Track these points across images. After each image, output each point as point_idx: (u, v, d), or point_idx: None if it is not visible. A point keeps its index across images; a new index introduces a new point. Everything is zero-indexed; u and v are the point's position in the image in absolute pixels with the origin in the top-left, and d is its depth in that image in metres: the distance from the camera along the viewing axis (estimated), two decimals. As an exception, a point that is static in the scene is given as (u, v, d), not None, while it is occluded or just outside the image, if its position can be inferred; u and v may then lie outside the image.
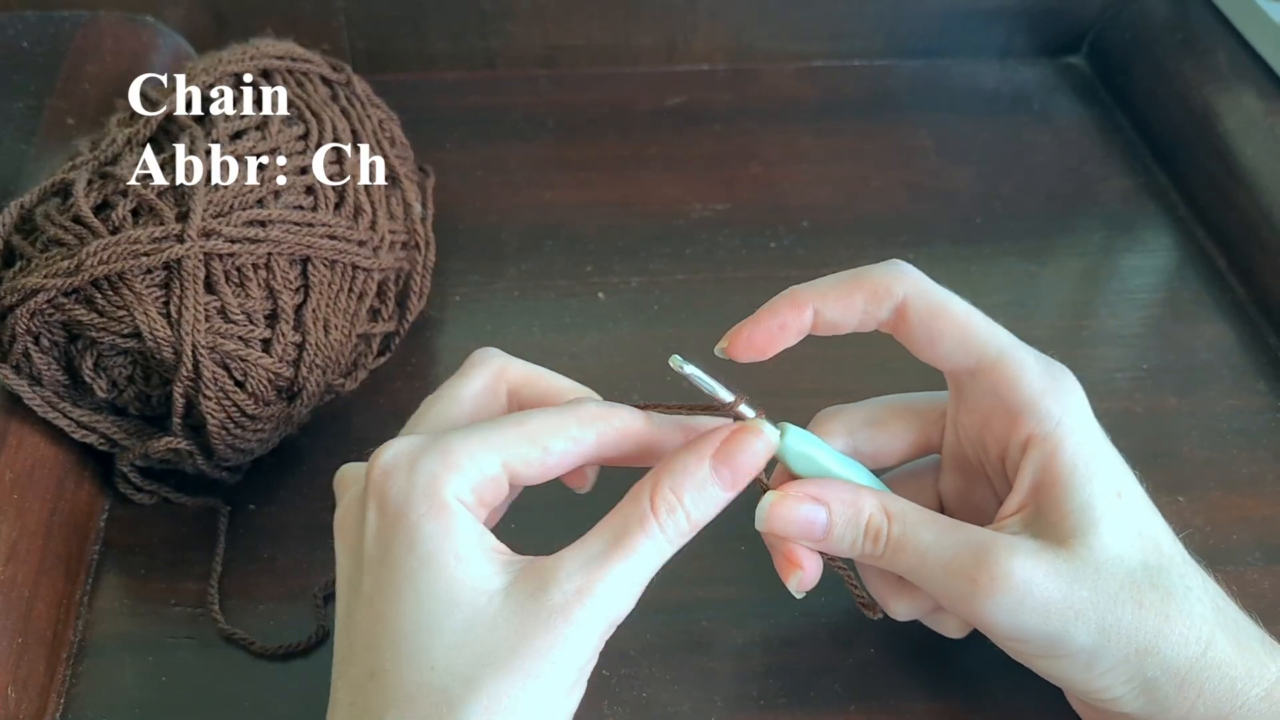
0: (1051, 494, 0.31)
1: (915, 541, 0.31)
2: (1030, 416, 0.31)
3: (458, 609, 0.27)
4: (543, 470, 0.30)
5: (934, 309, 0.31)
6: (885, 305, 0.31)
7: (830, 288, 0.32)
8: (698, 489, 0.29)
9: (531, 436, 0.29)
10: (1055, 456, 0.31)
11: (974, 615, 0.31)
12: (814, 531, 0.32)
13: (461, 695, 0.26)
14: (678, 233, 0.53)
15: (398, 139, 0.49)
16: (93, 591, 0.38)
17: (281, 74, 0.46)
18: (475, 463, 0.29)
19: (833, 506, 0.32)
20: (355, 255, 0.41)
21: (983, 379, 0.31)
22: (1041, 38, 0.65)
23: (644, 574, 0.29)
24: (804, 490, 0.32)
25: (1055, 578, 0.30)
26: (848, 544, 0.32)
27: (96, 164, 0.41)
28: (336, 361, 0.41)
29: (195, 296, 0.37)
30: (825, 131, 0.59)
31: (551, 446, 0.30)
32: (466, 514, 0.28)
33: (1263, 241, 0.51)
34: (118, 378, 0.38)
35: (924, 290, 0.31)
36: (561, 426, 0.30)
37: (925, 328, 0.31)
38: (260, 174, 0.40)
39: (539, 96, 0.61)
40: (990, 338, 0.31)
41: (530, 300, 0.49)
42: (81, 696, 0.36)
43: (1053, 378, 0.31)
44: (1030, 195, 0.56)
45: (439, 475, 0.28)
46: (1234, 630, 0.30)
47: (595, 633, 0.28)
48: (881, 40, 0.64)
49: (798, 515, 0.32)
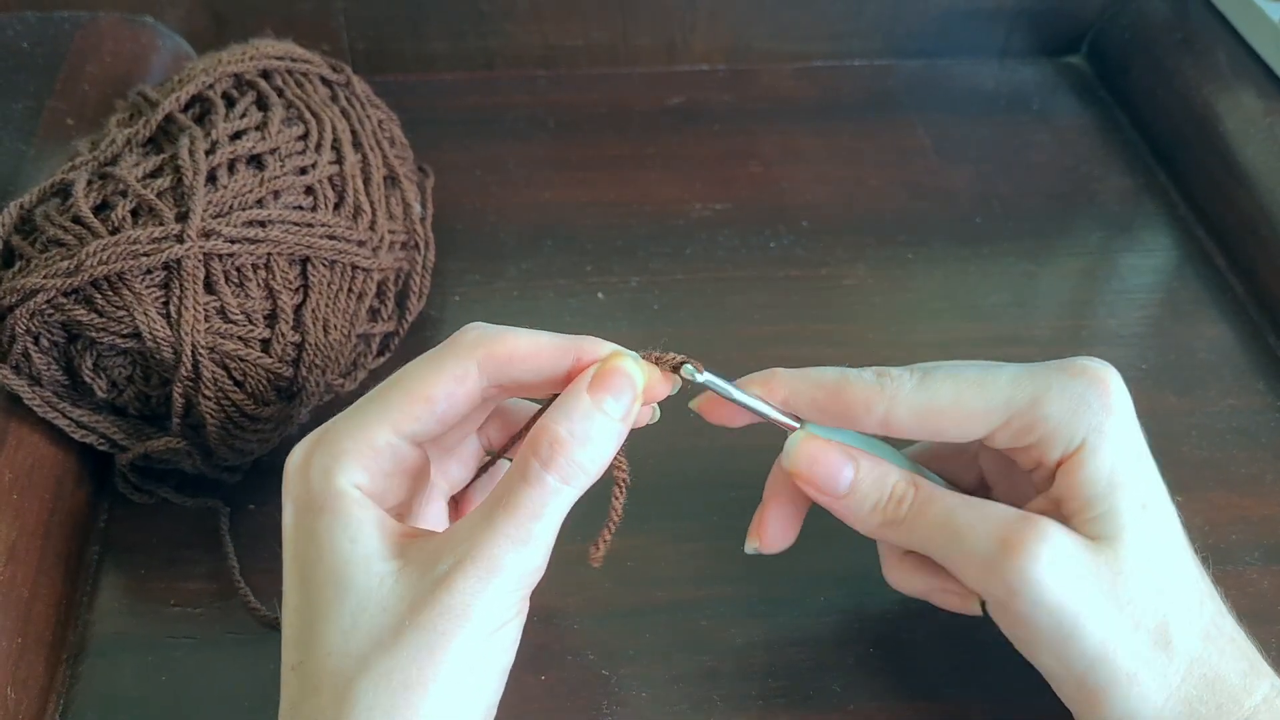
0: (1075, 503, 0.30)
1: (943, 502, 0.31)
2: (1057, 444, 0.30)
3: (350, 593, 0.27)
4: (437, 421, 0.29)
5: (919, 415, 0.30)
6: (866, 422, 0.31)
7: (808, 389, 0.31)
8: (583, 419, 0.28)
9: (411, 391, 0.29)
10: (1077, 473, 0.30)
11: (1007, 577, 0.29)
12: (838, 482, 0.31)
13: (354, 676, 0.26)
14: (677, 232, 0.53)
15: (397, 139, 0.49)
16: (92, 592, 0.38)
17: (281, 74, 0.46)
18: (360, 441, 0.28)
19: (861, 464, 0.32)
20: (355, 255, 0.41)
21: (1003, 433, 0.31)
22: (1041, 37, 0.65)
23: (536, 524, 0.27)
24: (836, 443, 0.32)
25: (1090, 555, 0.29)
26: (870, 504, 0.31)
27: (96, 164, 0.41)
28: (336, 361, 0.41)
29: (195, 297, 0.37)
30: (824, 131, 0.59)
31: (433, 393, 0.29)
32: (360, 499, 0.28)
33: (1262, 241, 0.51)
34: (117, 378, 0.38)
35: (905, 399, 0.30)
36: (438, 368, 0.29)
37: (921, 434, 0.31)
38: (260, 174, 0.40)
39: (538, 96, 0.61)
40: (990, 400, 0.30)
41: (530, 300, 0.50)
42: (81, 697, 0.36)
43: (1080, 398, 0.30)
44: (1029, 195, 0.56)
45: (328, 467, 0.28)
46: (1215, 664, 0.30)
47: (484, 593, 0.27)
48: (881, 40, 0.64)
49: (826, 460, 0.31)
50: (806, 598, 0.38)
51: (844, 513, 0.32)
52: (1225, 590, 0.32)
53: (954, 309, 0.50)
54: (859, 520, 0.32)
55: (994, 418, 0.30)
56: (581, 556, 0.32)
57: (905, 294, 0.50)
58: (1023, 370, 0.31)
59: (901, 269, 0.52)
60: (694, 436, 0.38)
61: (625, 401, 0.29)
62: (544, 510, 0.28)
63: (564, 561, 0.31)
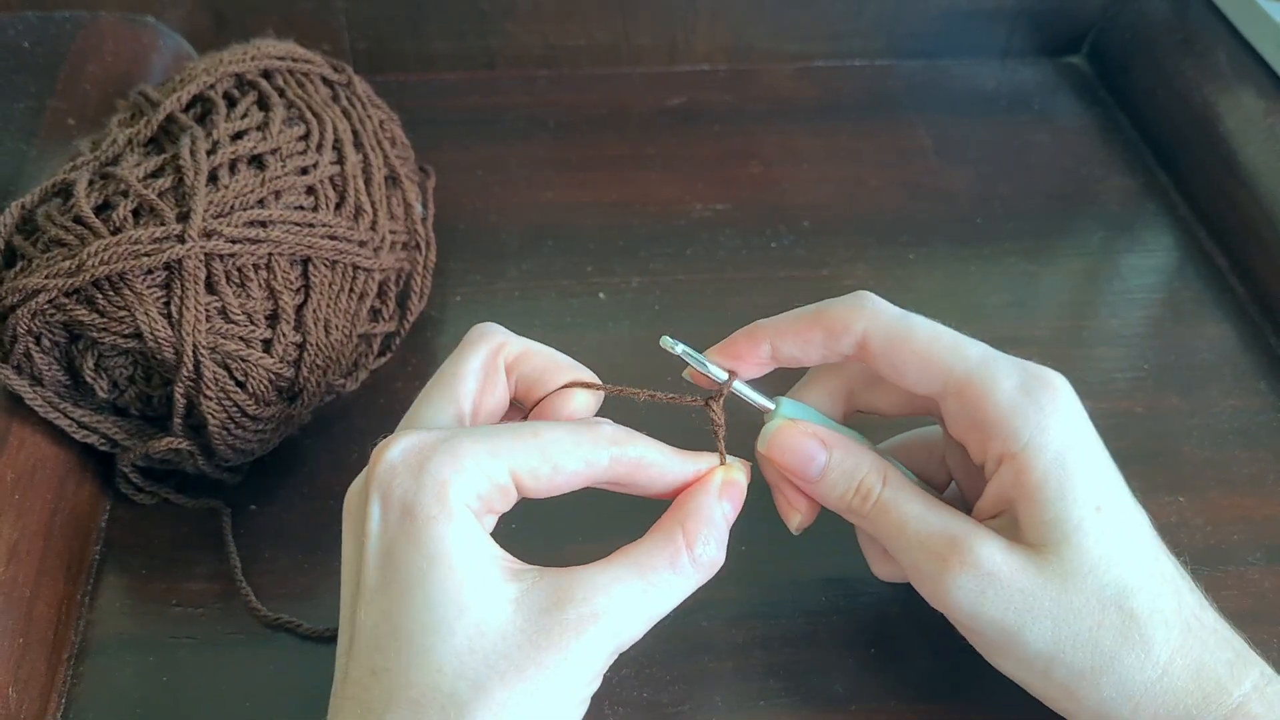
0: (1020, 507, 0.31)
1: (899, 509, 0.32)
2: (998, 435, 0.31)
3: (468, 613, 0.27)
4: (550, 486, 0.30)
5: (894, 340, 0.31)
6: (845, 341, 0.32)
7: (788, 324, 0.32)
8: (714, 527, 0.30)
9: (544, 451, 0.29)
10: (1024, 473, 0.30)
11: (938, 594, 0.31)
12: (810, 469, 0.33)
13: (469, 701, 0.26)
14: (678, 233, 0.53)
15: (398, 139, 0.49)
16: (94, 592, 0.38)
17: (282, 74, 0.46)
18: (483, 469, 0.28)
19: (834, 452, 0.33)
20: (356, 255, 0.41)
21: (953, 401, 0.31)
22: (1041, 38, 0.65)
23: (663, 607, 0.29)
24: (811, 429, 0.33)
25: (1021, 574, 0.30)
26: (838, 493, 0.33)
27: (97, 164, 0.41)
28: (337, 362, 0.41)
29: (196, 297, 0.37)
30: (825, 131, 0.59)
31: (563, 465, 0.29)
32: (473, 519, 0.28)
33: (1263, 241, 0.51)
34: (119, 378, 0.38)
35: (884, 323, 0.31)
36: (576, 446, 0.30)
37: (888, 360, 0.31)
38: (261, 174, 0.40)
39: (539, 96, 0.61)
40: (955, 359, 0.31)
41: (530, 300, 0.50)
42: (83, 697, 0.36)
43: (1026, 392, 0.30)
44: (1030, 195, 0.56)
45: (447, 479, 0.28)
46: (1199, 655, 0.30)
47: (604, 654, 0.28)
48: (881, 40, 0.64)
49: (800, 446, 0.32)
50: (807, 598, 0.38)
51: (815, 495, 0.33)
52: (1226, 590, 0.32)
53: (955, 309, 0.50)
54: (829, 504, 0.33)
55: (954, 374, 0.31)
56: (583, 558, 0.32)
57: (906, 294, 0.50)
58: (995, 352, 0.32)
59: (902, 269, 0.52)
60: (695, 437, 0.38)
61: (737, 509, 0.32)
62: (677, 599, 0.30)
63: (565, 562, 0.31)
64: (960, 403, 0.31)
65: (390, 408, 0.45)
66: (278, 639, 0.37)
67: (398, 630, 0.27)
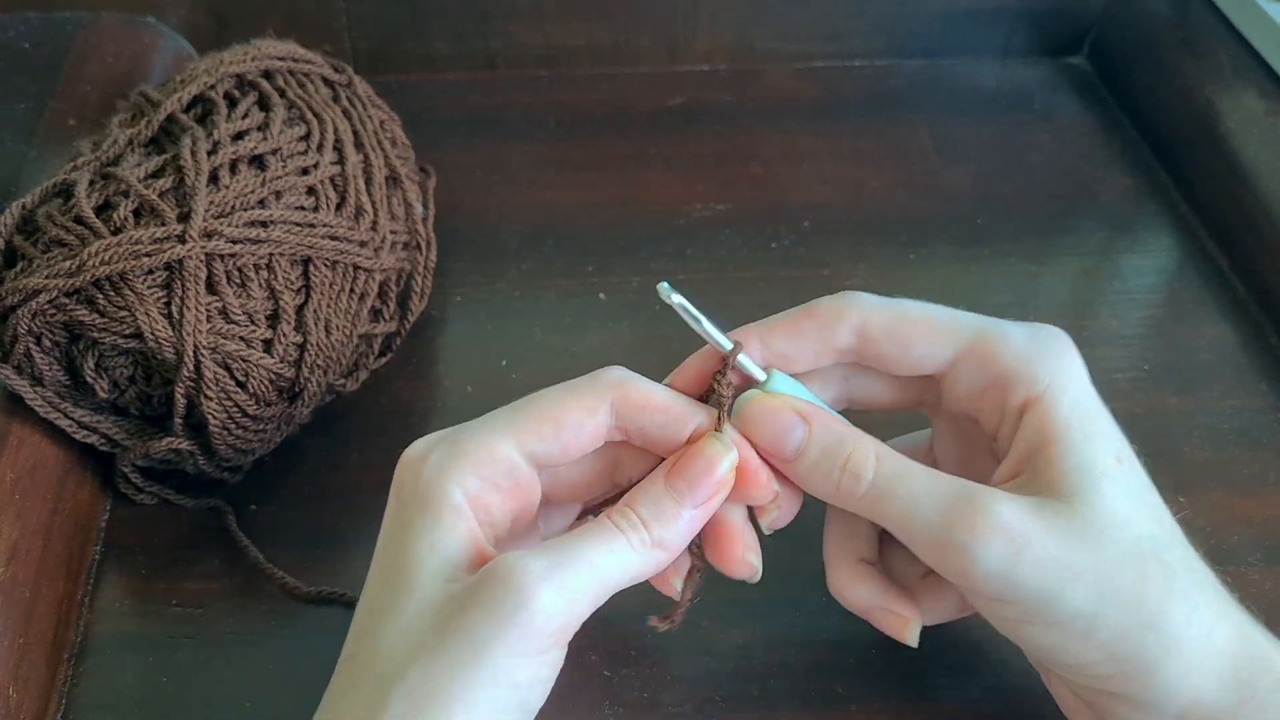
0: (1046, 454, 0.29)
1: (905, 484, 0.29)
2: (1020, 383, 0.29)
3: (414, 594, 0.27)
4: (561, 447, 0.29)
5: (895, 317, 0.31)
6: (840, 332, 0.31)
7: (777, 321, 0.31)
8: (653, 503, 0.29)
9: (542, 412, 0.29)
10: (1049, 416, 0.29)
11: (965, 568, 0.28)
12: (785, 445, 0.30)
13: (393, 679, 0.26)
14: (679, 233, 0.53)
15: (399, 139, 0.49)
16: (94, 592, 0.39)
17: (283, 75, 0.46)
18: (484, 449, 0.28)
19: (814, 426, 0.30)
20: (356, 256, 0.41)
21: (966, 364, 0.30)
22: (1042, 37, 0.65)
23: (594, 586, 0.28)
24: (789, 401, 0.30)
25: (1054, 533, 0.28)
26: (821, 474, 0.30)
27: (98, 165, 0.41)
28: (338, 362, 0.41)
29: (197, 297, 0.37)
30: (826, 131, 0.59)
31: (564, 418, 0.29)
32: (459, 507, 0.28)
33: (1265, 241, 0.51)
34: (119, 378, 0.38)
35: (879, 304, 0.31)
36: (573, 397, 0.29)
37: (893, 337, 0.30)
38: (261, 175, 0.40)
39: (540, 96, 0.61)
40: (961, 322, 0.31)
41: (531, 300, 0.50)
42: (83, 697, 0.36)
43: (1037, 342, 0.30)
44: (1031, 195, 0.56)
45: (443, 466, 0.28)
46: (1236, 616, 0.29)
47: (531, 638, 0.26)
48: (882, 40, 0.64)
49: (775, 419, 0.30)
50: (807, 598, 0.38)
51: (794, 478, 0.31)
52: (1227, 591, 0.32)
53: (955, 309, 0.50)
54: (810, 488, 0.31)
55: (961, 336, 0.30)
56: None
57: (907, 294, 0.50)
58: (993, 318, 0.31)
59: (903, 269, 0.52)
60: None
61: (701, 491, 0.29)
62: (613, 578, 0.28)
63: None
64: (974, 362, 0.30)
65: (391, 408, 0.45)
66: (279, 640, 0.37)
67: (366, 616, 0.28)
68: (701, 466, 0.29)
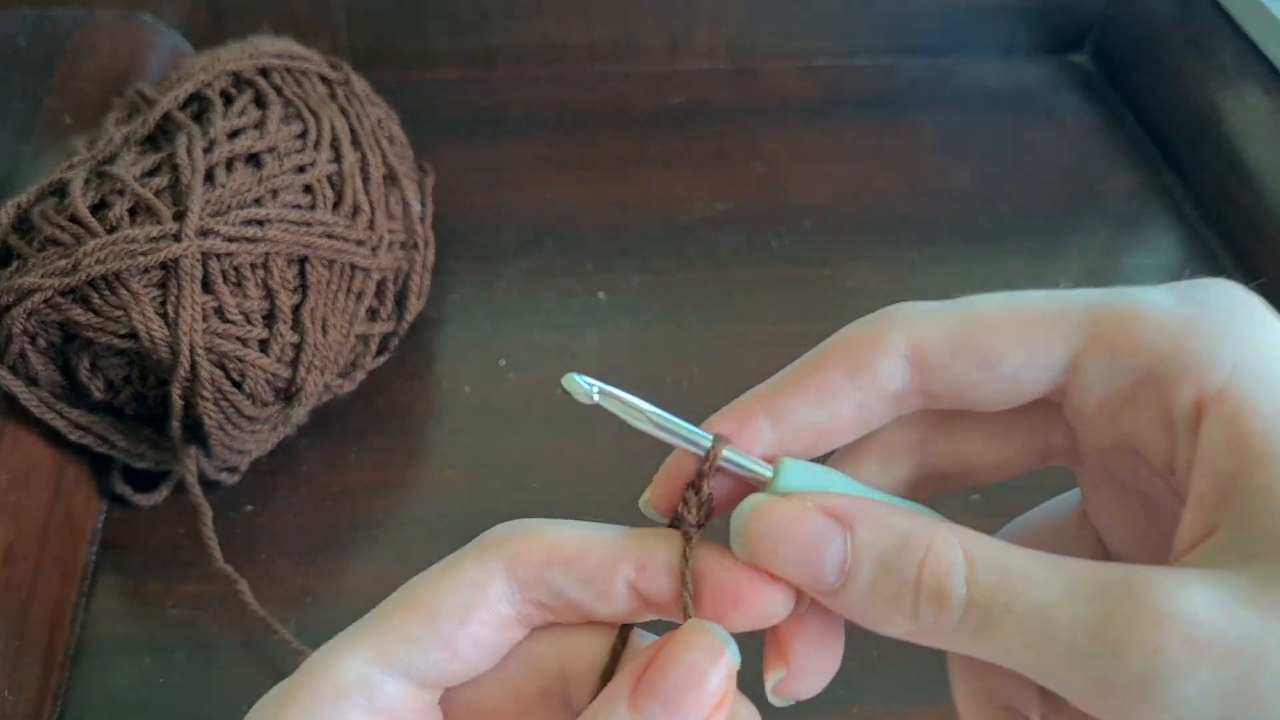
0: (1250, 487, 0.17)
1: (1022, 594, 0.17)
2: (1184, 374, 0.18)
3: None
4: (448, 648, 0.20)
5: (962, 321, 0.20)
6: (886, 366, 0.20)
7: (789, 376, 0.21)
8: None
9: (406, 601, 0.20)
10: (1244, 422, 0.17)
11: (1152, 705, 0.17)
12: (820, 569, 0.19)
13: None
14: (679, 232, 0.53)
15: (396, 137, 0.49)
16: (90, 594, 0.38)
17: (279, 72, 0.45)
18: (323, 680, 0.19)
19: (858, 528, 0.19)
20: (353, 255, 0.41)
21: (1093, 362, 0.19)
22: (1045, 35, 0.65)
23: None
24: (815, 499, 0.19)
25: (1243, 606, 0.16)
26: (886, 603, 0.19)
27: (93, 163, 0.40)
28: (334, 362, 0.41)
29: (192, 296, 0.36)
30: (828, 130, 0.59)
31: (438, 604, 0.20)
32: None
33: (1268, 239, 0.51)
34: (114, 378, 0.38)
35: (934, 312, 0.20)
36: (447, 571, 0.20)
37: (968, 351, 0.20)
38: (258, 173, 0.40)
39: (539, 95, 0.61)
40: (1068, 304, 0.19)
41: (530, 300, 0.49)
42: (78, 699, 0.35)
43: (1199, 306, 0.19)
44: (1034, 194, 0.56)
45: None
46: None
47: None
48: (884, 38, 0.64)
49: (794, 532, 0.19)
50: (809, 600, 0.38)
51: (845, 612, 0.20)
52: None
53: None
54: (877, 627, 0.19)
55: (1073, 322, 0.19)
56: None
57: (909, 294, 0.49)
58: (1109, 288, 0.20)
59: (905, 268, 0.51)
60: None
61: (694, 712, 0.19)
62: None
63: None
64: (1104, 356, 0.19)
65: (388, 408, 0.44)
66: (274, 643, 0.37)
67: None
68: (683, 678, 0.19)
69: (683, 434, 0.21)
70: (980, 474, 0.22)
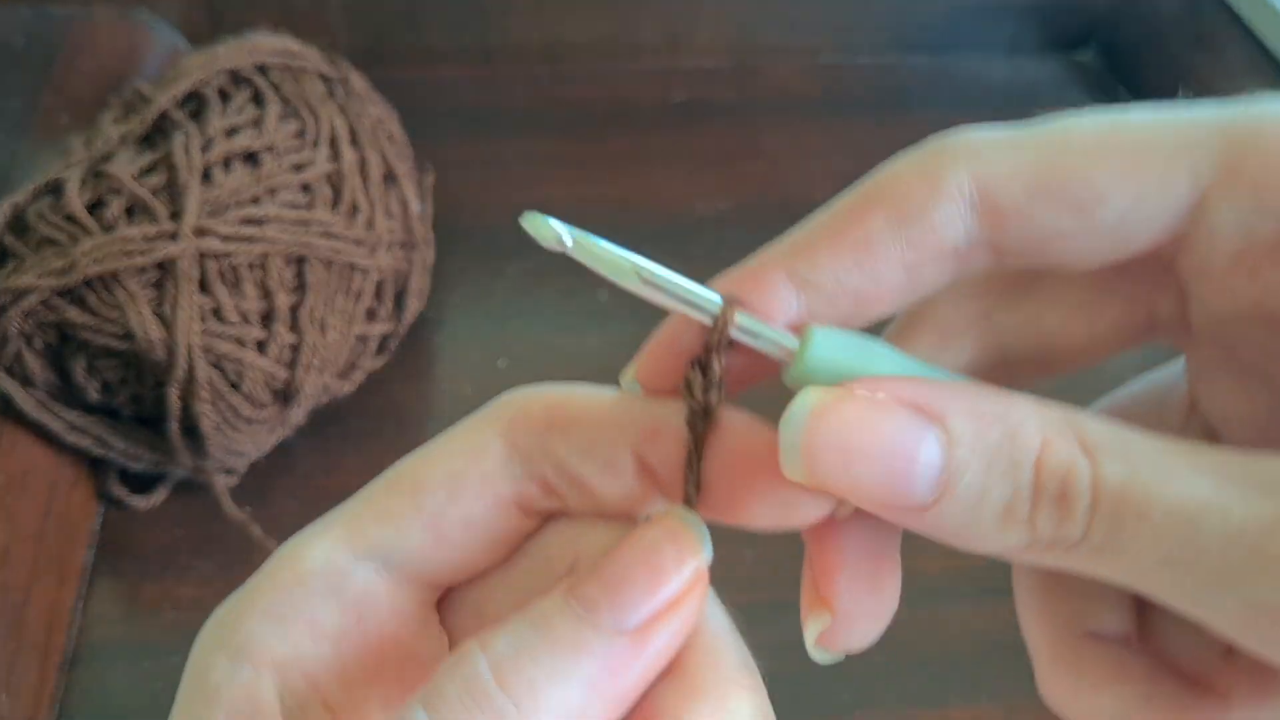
0: None
1: (1165, 499, 0.14)
2: None
3: None
4: (435, 532, 0.17)
5: (1050, 148, 0.15)
6: (944, 211, 0.16)
7: (821, 228, 0.17)
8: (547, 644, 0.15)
9: (391, 478, 0.18)
10: None
11: None
12: (912, 479, 0.14)
13: None
14: (681, 230, 0.52)
15: (395, 136, 0.48)
16: (86, 597, 0.38)
17: (277, 70, 0.45)
18: (288, 566, 0.17)
19: (950, 419, 0.14)
20: (352, 254, 0.41)
21: (1227, 200, 0.15)
22: (1050, 33, 0.64)
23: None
24: (892, 388, 0.15)
25: None
26: (995, 513, 0.14)
27: (90, 162, 0.40)
28: (333, 362, 0.40)
29: (189, 296, 0.36)
30: (831, 128, 0.59)
31: (426, 476, 0.17)
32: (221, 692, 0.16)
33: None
34: (111, 379, 0.38)
35: (1009, 141, 0.16)
36: (444, 440, 0.18)
37: (1061, 193, 0.15)
38: (255, 172, 0.40)
39: (539, 92, 0.61)
40: (1191, 125, 0.16)
41: (530, 300, 0.49)
42: (74, 703, 0.35)
43: None
44: (1038, 192, 0.56)
45: (225, 623, 0.17)
46: None
47: None
48: (888, 36, 0.63)
49: (880, 434, 0.14)
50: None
51: (934, 533, 0.15)
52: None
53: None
54: (977, 547, 0.15)
55: (1196, 150, 0.15)
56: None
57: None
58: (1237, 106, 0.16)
59: (908, 268, 0.51)
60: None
61: (632, 613, 0.15)
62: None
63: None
64: (1244, 191, 0.15)
65: (387, 409, 0.44)
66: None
67: None
68: (634, 559, 0.16)
69: (684, 295, 0.16)
70: (1061, 358, 0.17)
